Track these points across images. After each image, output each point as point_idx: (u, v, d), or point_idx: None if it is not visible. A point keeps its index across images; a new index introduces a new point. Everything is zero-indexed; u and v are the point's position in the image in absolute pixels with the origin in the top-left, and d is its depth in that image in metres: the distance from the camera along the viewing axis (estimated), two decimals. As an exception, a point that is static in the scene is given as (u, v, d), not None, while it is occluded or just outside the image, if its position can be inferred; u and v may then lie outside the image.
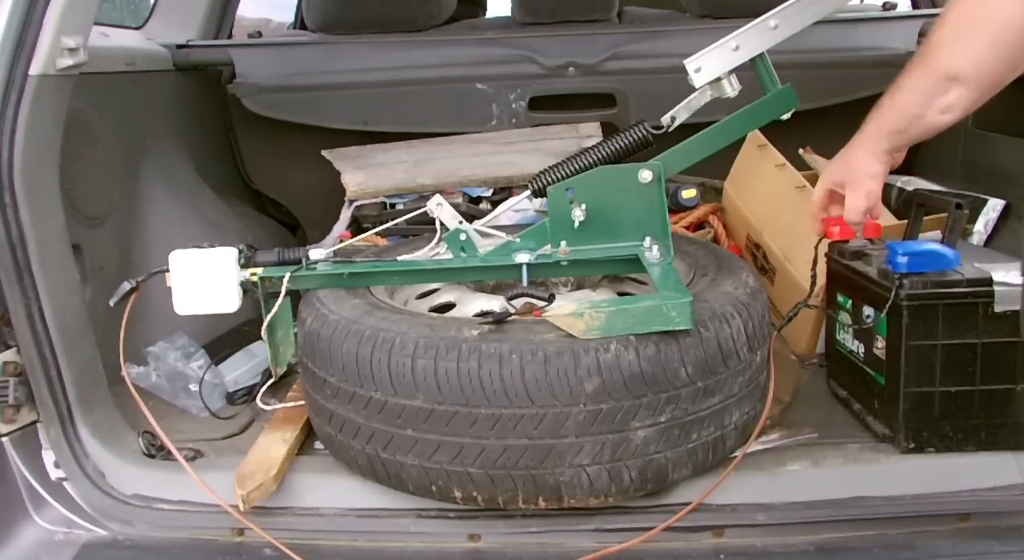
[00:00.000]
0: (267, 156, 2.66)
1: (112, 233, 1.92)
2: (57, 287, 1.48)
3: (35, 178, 1.45)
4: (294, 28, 3.39)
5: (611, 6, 2.53)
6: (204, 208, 2.29)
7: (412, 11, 2.53)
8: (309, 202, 2.65)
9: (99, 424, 1.53)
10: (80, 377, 1.51)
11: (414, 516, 1.39)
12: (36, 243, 1.44)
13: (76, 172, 1.72)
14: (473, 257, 1.50)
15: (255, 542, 1.38)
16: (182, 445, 1.52)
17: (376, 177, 2.43)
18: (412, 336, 1.27)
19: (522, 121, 2.48)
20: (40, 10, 1.40)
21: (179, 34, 2.56)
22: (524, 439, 1.24)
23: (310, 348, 1.38)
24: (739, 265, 1.55)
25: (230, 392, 1.78)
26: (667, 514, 1.34)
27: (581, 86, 2.46)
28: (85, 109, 1.81)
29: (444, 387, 1.24)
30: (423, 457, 1.28)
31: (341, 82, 2.48)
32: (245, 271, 1.45)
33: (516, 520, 1.35)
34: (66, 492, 1.48)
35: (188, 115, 2.46)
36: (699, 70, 1.46)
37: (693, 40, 1.54)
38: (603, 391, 1.22)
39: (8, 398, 1.45)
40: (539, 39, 2.46)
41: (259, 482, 1.38)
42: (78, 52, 1.48)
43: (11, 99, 1.41)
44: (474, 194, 2.48)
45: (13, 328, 1.44)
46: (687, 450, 1.30)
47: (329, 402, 1.36)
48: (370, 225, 2.37)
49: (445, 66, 2.48)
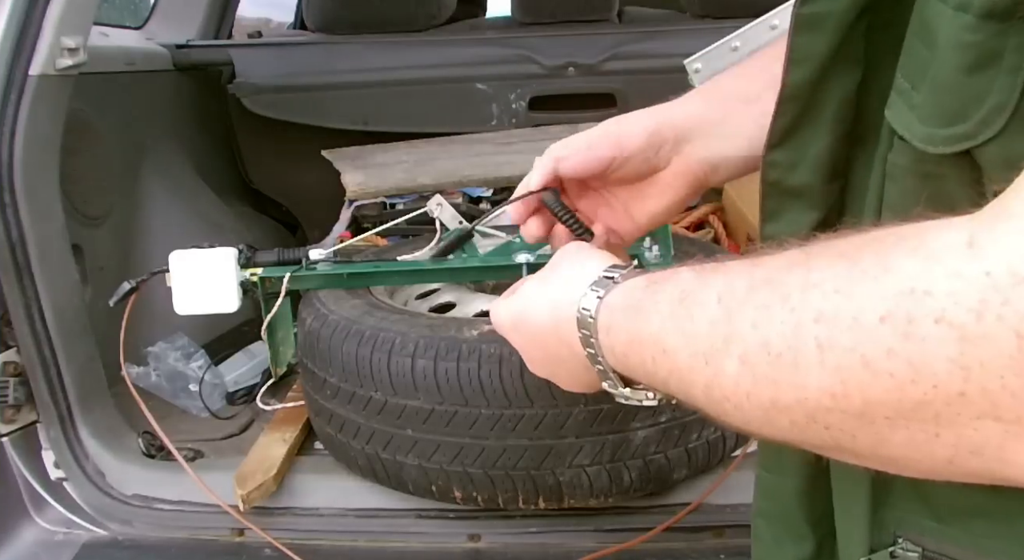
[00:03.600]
0: (267, 156, 2.66)
1: (112, 233, 1.92)
2: (57, 287, 1.48)
3: (35, 178, 1.45)
4: (294, 28, 3.39)
5: (611, 6, 2.53)
6: (204, 208, 2.29)
7: (412, 11, 2.53)
8: (309, 202, 2.65)
9: (99, 424, 1.53)
10: (80, 377, 1.51)
11: (414, 516, 1.39)
12: (36, 243, 1.44)
13: (76, 172, 1.72)
14: (473, 257, 1.50)
15: (255, 542, 1.38)
16: (182, 445, 1.52)
17: (376, 177, 2.43)
18: (412, 336, 1.27)
19: (522, 121, 2.48)
20: (40, 10, 1.40)
21: (179, 34, 2.56)
22: (524, 439, 1.24)
23: (310, 348, 1.38)
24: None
25: (230, 392, 1.78)
26: (667, 514, 1.34)
27: (581, 86, 2.46)
28: (85, 109, 1.81)
29: (444, 387, 1.24)
30: (423, 457, 1.28)
31: (341, 82, 2.48)
32: (245, 271, 1.45)
33: (516, 520, 1.35)
34: (66, 492, 1.49)
35: (188, 115, 2.46)
36: (699, 70, 1.46)
37: (693, 40, 1.54)
38: (603, 391, 1.22)
39: (8, 398, 1.45)
40: (539, 39, 2.46)
41: (259, 482, 1.38)
42: (78, 52, 1.48)
43: (11, 99, 1.41)
44: (474, 194, 2.48)
45: (13, 328, 1.45)
46: (687, 450, 1.30)
47: (329, 402, 1.36)
48: (370, 225, 2.37)
49: (445, 66, 2.48)
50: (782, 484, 0.63)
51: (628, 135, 0.75)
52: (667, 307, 0.52)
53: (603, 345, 0.58)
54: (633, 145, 0.75)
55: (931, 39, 0.44)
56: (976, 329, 0.35)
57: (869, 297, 0.39)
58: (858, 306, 0.39)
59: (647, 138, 0.75)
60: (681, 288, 0.51)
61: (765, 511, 0.66)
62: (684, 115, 0.77)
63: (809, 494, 0.61)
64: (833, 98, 0.53)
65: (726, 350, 0.46)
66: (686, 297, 0.50)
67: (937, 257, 0.37)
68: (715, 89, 0.79)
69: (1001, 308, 0.35)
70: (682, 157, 0.76)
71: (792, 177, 0.56)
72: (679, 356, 0.50)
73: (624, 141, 0.75)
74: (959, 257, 0.37)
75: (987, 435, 0.37)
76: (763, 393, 0.44)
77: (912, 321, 0.37)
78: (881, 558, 0.52)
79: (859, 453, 0.43)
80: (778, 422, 0.45)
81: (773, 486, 0.65)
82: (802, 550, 0.63)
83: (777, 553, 0.65)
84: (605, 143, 0.75)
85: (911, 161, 0.46)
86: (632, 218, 0.81)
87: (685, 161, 0.76)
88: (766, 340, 0.43)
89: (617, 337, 0.56)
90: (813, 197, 0.56)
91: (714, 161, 0.77)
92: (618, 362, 0.58)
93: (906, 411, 0.39)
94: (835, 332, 0.40)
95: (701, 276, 0.51)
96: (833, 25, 0.52)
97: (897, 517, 0.52)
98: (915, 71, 0.45)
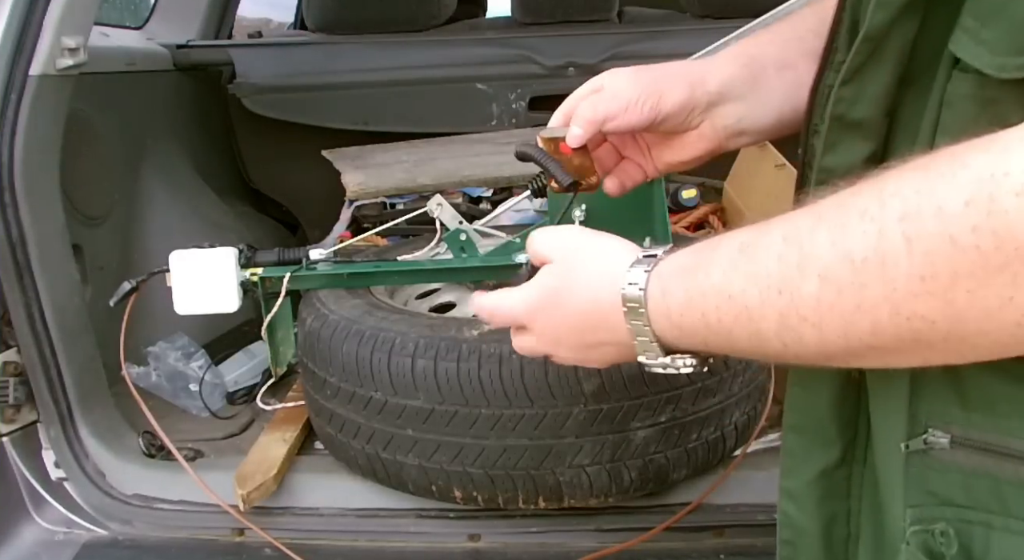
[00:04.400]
0: (267, 156, 2.66)
1: (112, 233, 1.92)
2: (57, 287, 1.48)
3: (35, 178, 1.45)
4: (294, 28, 3.39)
5: (611, 6, 2.53)
6: (204, 208, 2.29)
7: (412, 11, 2.53)
8: (309, 202, 2.65)
9: (99, 424, 1.53)
10: (80, 377, 1.51)
11: (414, 516, 1.39)
12: (36, 243, 1.44)
13: (76, 172, 1.72)
14: (473, 257, 1.50)
15: (255, 542, 1.38)
16: (182, 445, 1.52)
17: (376, 177, 2.43)
18: (412, 336, 1.27)
19: (522, 121, 2.48)
20: (40, 10, 1.40)
21: (179, 34, 2.56)
22: (524, 439, 1.24)
23: (310, 348, 1.38)
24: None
25: (230, 392, 1.78)
26: (667, 514, 1.34)
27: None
28: (85, 109, 1.81)
29: (444, 387, 1.24)
30: (423, 457, 1.28)
31: (341, 82, 2.48)
32: (245, 271, 1.45)
33: (516, 520, 1.35)
34: (66, 492, 1.49)
35: (188, 115, 2.46)
36: (699, 70, 1.46)
37: (693, 40, 1.54)
38: (603, 391, 1.22)
39: (8, 398, 1.45)
40: (539, 39, 2.46)
41: (259, 482, 1.38)
42: (78, 52, 1.48)
43: (11, 99, 1.41)
44: (474, 194, 2.48)
45: (13, 328, 1.45)
46: (687, 450, 1.30)
47: (329, 402, 1.36)
48: (370, 225, 2.37)
49: (445, 66, 2.48)
50: (814, 396, 0.70)
51: (667, 99, 0.80)
52: (727, 259, 0.58)
53: (653, 313, 0.63)
54: (670, 108, 0.80)
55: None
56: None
57: (951, 188, 0.46)
58: (942, 197, 0.46)
59: (683, 103, 0.80)
60: (739, 241, 0.58)
61: (796, 424, 0.73)
62: (719, 80, 0.81)
63: (839, 404, 0.69)
64: (899, 40, 0.59)
65: (801, 275, 0.52)
66: (746, 247, 0.57)
67: (1009, 147, 0.45)
68: (748, 54, 0.84)
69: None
70: (711, 121, 0.82)
71: (854, 111, 0.62)
72: (747, 296, 0.56)
73: (663, 105, 0.80)
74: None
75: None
76: (847, 301, 0.51)
77: (994, 199, 0.44)
78: (917, 444, 0.60)
79: (933, 341, 0.50)
80: (859, 327, 0.51)
81: (804, 399, 0.71)
82: (830, 455, 0.70)
83: (806, 461, 0.71)
84: (648, 105, 0.80)
85: (973, 88, 0.53)
86: (651, 161, 0.88)
87: (712, 126, 0.82)
88: (847, 251, 0.50)
89: (674, 298, 0.61)
90: (870, 129, 0.62)
91: (741, 127, 0.83)
92: (672, 325, 0.62)
93: (989, 278, 0.46)
94: (921, 224, 0.47)
95: (759, 228, 0.57)
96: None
97: (928, 409, 0.59)
98: (986, 10, 0.52)
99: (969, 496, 0.58)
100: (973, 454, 0.58)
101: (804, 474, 0.72)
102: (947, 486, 0.59)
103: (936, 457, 0.59)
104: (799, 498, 0.72)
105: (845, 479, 0.70)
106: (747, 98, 0.82)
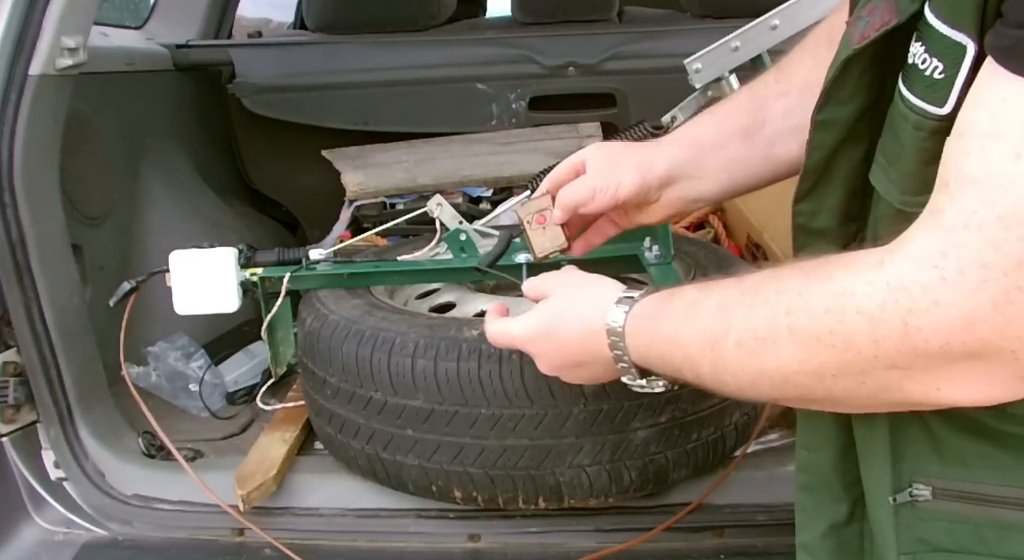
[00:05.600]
0: (267, 156, 2.66)
1: (112, 233, 1.92)
2: (57, 287, 1.48)
3: (35, 178, 1.45)
4: (294, 28, 3.39)
5: (611, 6, 2.53)
6: (204, 208, 2.29)
7: (412, 11, 2.53)
8: (309, 202, 2.65)
9: (99, 424, 1.53)
10: (80, 377, 1.51)
11: (414, 516, 1.39)
12: (36, 243, 1.44)
13: (76, 172, 1.72)
14: (473, 257, 1.50)
15: (255, 542, 1.38)
16: (182, 445, 1.52)
17: (376, 177, 2.43)
18: (412, 336, 1.27)
19: (522, 121, 2.48)
20: (40, 10, 1.40)
21: (179, 34, 2.56)
22: (524, 439, 1.24)
23: (310, 348, 1.38)
24: (739, 265, 1.55)
25: (230, 392, 1.78)
26: (667, 514, 1.34)
27: (581, 86, 2.46)
28: (85, 109, 1.81)
29: (444, 387, 1.24)
30: (423, 457, 1.28)
31: (341, 82, 2.48)
32: (245, 271, 1.45)
33: (516, 520, 1.35)
34: (66, 492, 1.49)
35: (188, 115, 2.46)
36: (699, 70, 1.47)
37: (693, 40, 1.54)
38: (603, 391, 1.22)
39: (8, 398, 1.45)
40: (539, 39, 2.46)
41: (259, 482, 1.38)
42: (78, 52, 1.48)
43: (11, 99, 1.41)
44: (474, 194, 2.48)
45: (13, 328, 1.44)
46: (687, 450, 1.30)
47: (329, 402, 1.36)
48: (370, 225, 2.37)
49: (445, 66, 2.48)
50: (819, 458, 0.80)
51: (623, 187, 0.99)
52: (679, 313, 0.75)
53: (629, 346, 0.80)
54: (626, 194, 0.99)
55: (898, 140, 0.63)
56: (881, 316, 0.58)
57: (818, 296, 0.62)
58: (811, 302, 0.62)
59: (637, 187, 0.99)
60: (688, 299, 0.75)
61: (806, 484, 0.82)
62: (666, 164, 0.99)
63: (842, 464, 0.78)
64: (843, 167, 0.72)
65: (725, 338, 0.68)
66: (692, 305, 0.73)
67: (859, 271, 0.60)
68: (690, 137, 1.02)
69: (895, 304, 0.57)
70: (667, 195, 1.01)
71: (815, 222, 0.76)
72: (690, 346, 0.72)
73: (620, 192, 0.99)
74: (872, 271, 0.59)
75: (891, 378, 0.60)
76: (752, 365, 0.67)
77: (843, 311, 0.60)
78: (903, 497, 0.69)
79: (816, 400, 0.67)
80: (762, 385, 0.67)
81: (811, 461, 0.82)
82: (838, 512, 0.79)
83: (817, 517, 0.81)
84: (608, 193, 0.99)
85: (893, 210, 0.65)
86: (627, 220, 1.08)
87: (668, 198, 1.01)
88: (754, 328, 0.66)
89: (642, 338, 0.79)
90: (832, 236, 0.75)
91: (692, 198, 1.02)
92: (641, 358, 0.80)
93: (843, 368, 0.61)
94: (798, 320, 0.63)
95: (702, 290, 0.74)
96: (840, 125, 0.70)
97: (911, 467, 0.69)
98: (890, 154, 0.65)
99: (954, 540, 0.67)
100: (953, 502, 0.67)
101: (816, 529, 0.80)
102: (934, 533, 0.68)
103: (922, 507, 0.68)
104: (814, 551, 0.81)
105: (857, 536, 0.78)
106: (692, 176, 0.99)
